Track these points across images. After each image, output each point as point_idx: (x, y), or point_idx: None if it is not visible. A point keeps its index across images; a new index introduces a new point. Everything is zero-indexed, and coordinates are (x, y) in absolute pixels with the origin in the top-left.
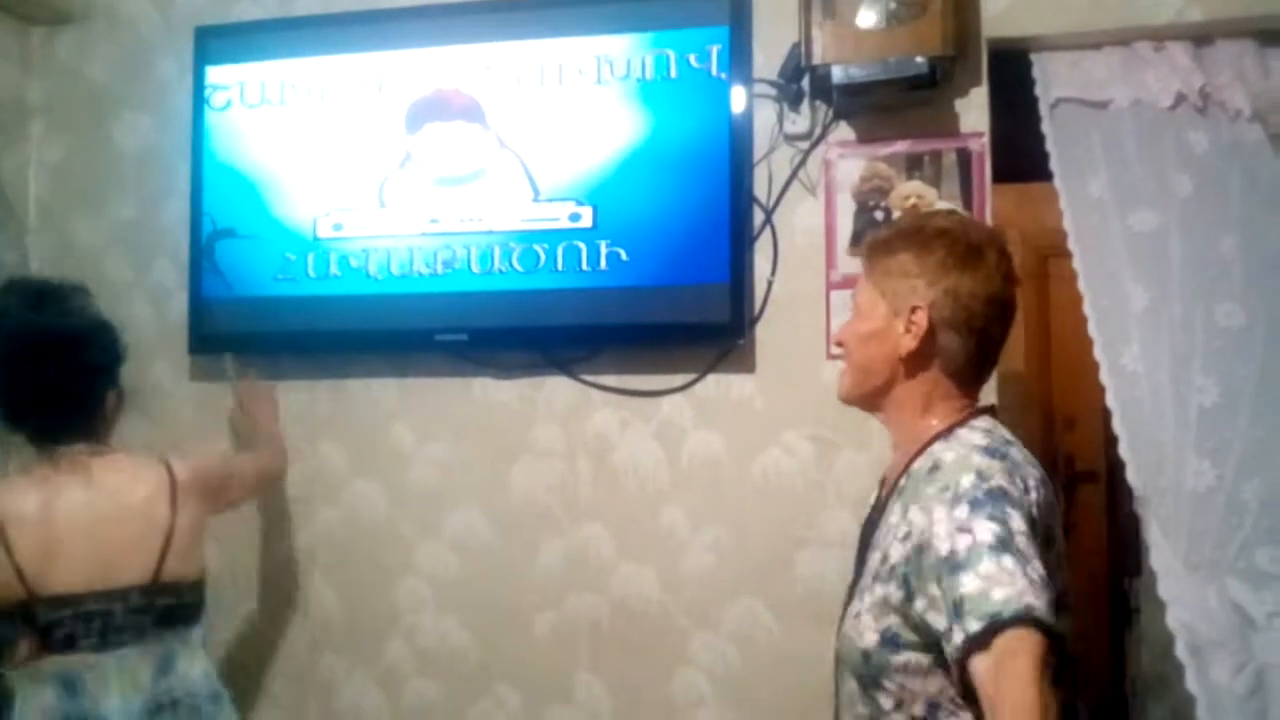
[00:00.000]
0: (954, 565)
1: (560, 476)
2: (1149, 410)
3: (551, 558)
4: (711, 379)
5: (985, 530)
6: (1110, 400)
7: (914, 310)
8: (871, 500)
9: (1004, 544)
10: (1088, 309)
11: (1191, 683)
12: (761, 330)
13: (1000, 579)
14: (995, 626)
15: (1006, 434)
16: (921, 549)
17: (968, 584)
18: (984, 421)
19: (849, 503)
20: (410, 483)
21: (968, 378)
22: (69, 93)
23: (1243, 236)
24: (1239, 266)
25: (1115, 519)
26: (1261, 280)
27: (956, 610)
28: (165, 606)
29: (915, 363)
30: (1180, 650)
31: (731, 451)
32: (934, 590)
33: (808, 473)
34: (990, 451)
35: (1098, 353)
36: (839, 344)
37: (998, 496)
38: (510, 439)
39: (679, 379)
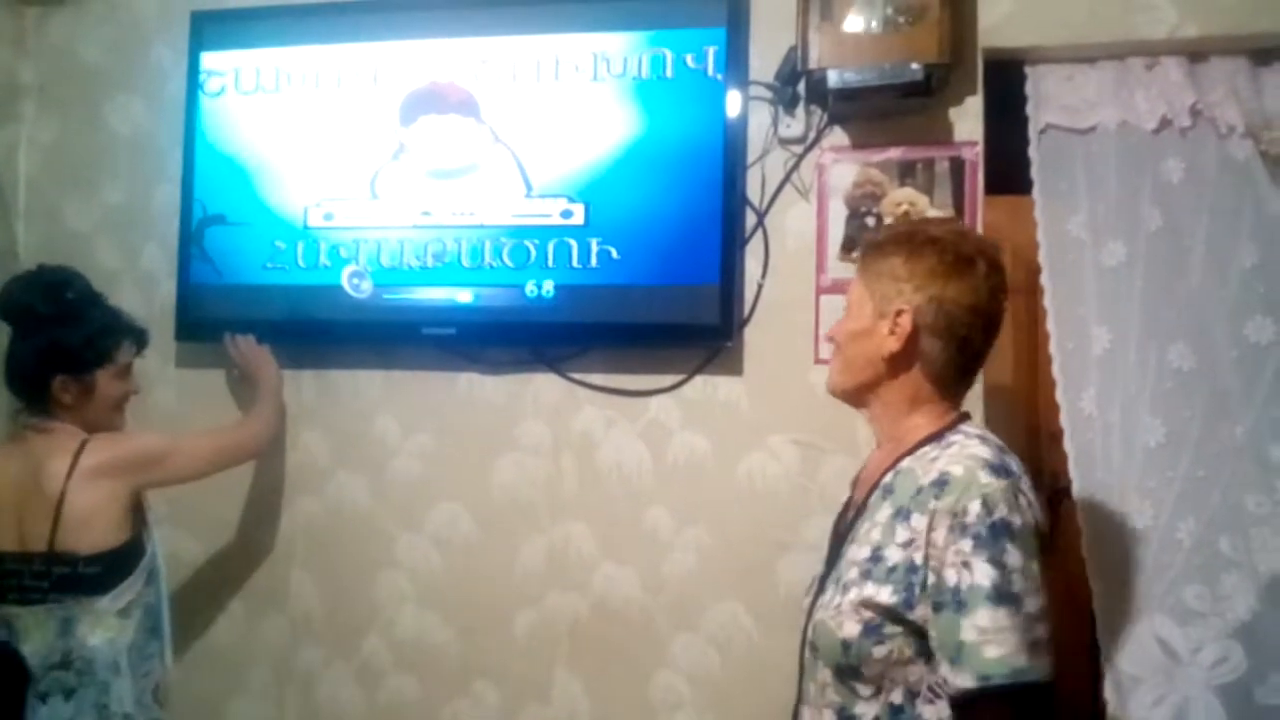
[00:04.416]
0: (959, 602)
1: (544, 474)
2: (1099, 452)
3: (533, 555)
4: (699, 380)
5: (984, 574)
6: (1067, 444)
7: (899, 313)
8: (845, 498)
9: (999, 593)
10: (1053, 350)
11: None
12: (750, 333)
13: (994, 637)
14: (987, 690)
15: (997, 440)
16: (929, 566)
17: (967, 631)
18: (973, 427)
19: (833, 509)
20: (393, 476)
21: (949, 383)
22: (62, 74)
23: (1204, 274)
24: (1196, 306)
25: None
26: (1217, 321)
27: (956, 653)
28: (61, 575)
29: (897, 363)
30: (1107, 689)
31: (717, 454)
32: (937, 614)
33: (792, 477)
34: (996, 469)
35: (1059, 396)
36: (830, 339)
37: (999, 532)
38: (495, 435)
39: (666, 379)
